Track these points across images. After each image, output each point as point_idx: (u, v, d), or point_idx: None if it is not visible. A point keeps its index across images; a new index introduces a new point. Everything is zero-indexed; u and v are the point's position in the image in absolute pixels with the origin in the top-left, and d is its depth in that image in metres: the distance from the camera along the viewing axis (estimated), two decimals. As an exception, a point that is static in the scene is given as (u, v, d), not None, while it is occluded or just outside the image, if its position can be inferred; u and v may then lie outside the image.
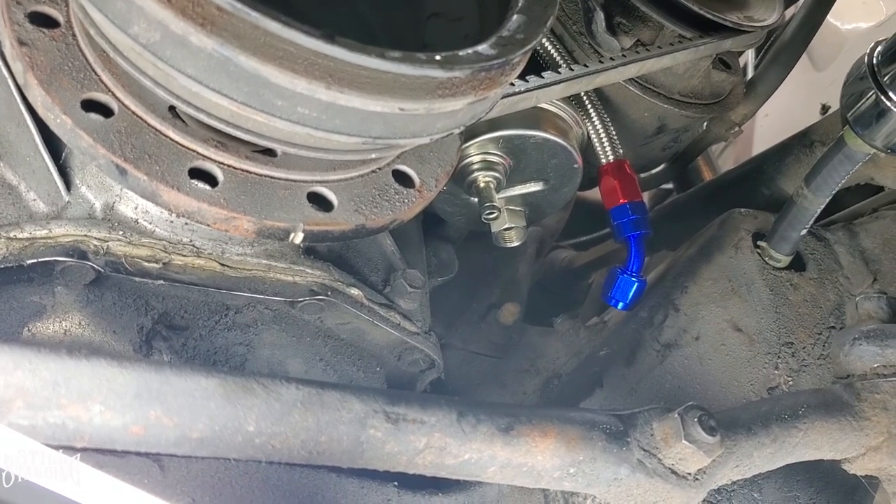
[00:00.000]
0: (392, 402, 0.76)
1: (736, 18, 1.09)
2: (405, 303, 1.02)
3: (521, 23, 0.74)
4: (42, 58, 0.76)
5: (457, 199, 1.16)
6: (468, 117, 0.76)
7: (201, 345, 0.93)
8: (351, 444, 0.73)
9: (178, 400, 0.69)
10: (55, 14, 0.80)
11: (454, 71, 0.67)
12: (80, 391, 0.67)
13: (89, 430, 0.68)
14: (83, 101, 0.76)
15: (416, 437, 0.76)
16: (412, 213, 0.88)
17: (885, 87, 0.95)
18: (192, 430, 0.70)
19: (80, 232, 0.83)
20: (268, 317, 0.96)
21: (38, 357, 0.67)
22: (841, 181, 1.06)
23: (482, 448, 0.79)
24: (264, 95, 0.65)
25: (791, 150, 1.35)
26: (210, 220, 0.77)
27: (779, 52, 1.36)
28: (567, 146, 1.09)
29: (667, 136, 1.23)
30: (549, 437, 0.81)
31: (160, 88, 0.71)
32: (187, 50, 0.63)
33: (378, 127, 0.70)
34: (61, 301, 0.86)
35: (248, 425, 0.70)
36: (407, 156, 0.90)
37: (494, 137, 1.06)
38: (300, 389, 0.72)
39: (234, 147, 0.79)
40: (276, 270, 0.92)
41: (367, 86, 0.65)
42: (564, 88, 1.02)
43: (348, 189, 0.84)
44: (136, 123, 0.77)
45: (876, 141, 0.99)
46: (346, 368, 1.02)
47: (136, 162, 0.74)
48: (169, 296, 0.90)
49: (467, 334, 1.45)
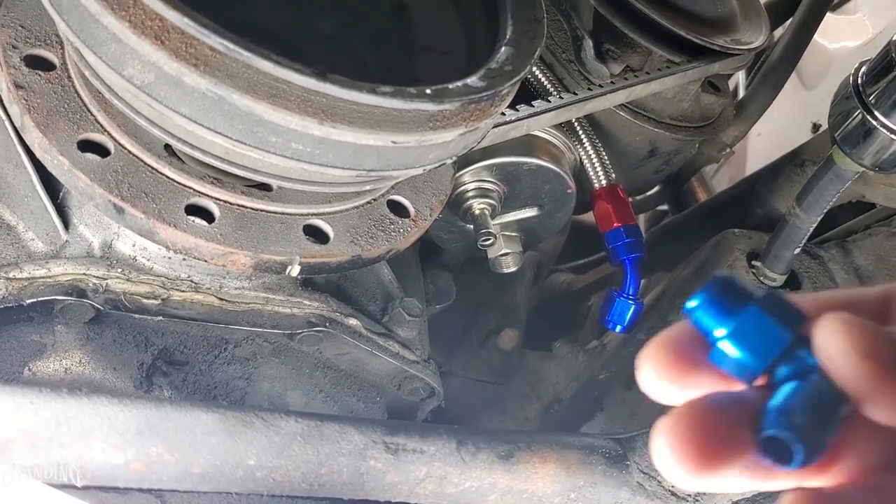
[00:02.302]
0: (391, 433, 0.76)
1: (723, 42, 1.10)
2: (404, 331, 1.02)
3: (510, 54, 0.75)
4: (38, 100, 0.77)
5: (453, 227, 1.17)
6: (460, 147, 0.77)
7: (201, 379, 0.93)
8: (351, 476, 0.73)
9: (179, 436, 0.70)
10: (51, 57, 0.81)
11: (444, 104, 0.68)
12: (82, 430, 0.68)
13: (91, 468, 0.68)
14: (80, 141, 0.77)
15: (417, 466, 0.76)
16: (408, 242, 0.89)
17: (871, 106, 0.96)
18: (193, 465, 0.70)
19: (78, 270, 0.83)
20: (267, 350, 0.96)
21: (39, 397, 0.67)
22: (832, 199, 1.07)
23: (482, 476, 0.79)
24: (258, 132, 0.66)
25: (783, 169, 1.36)
26: (207, 256, 0.77)
27: (767, 73, 1.37)
28: (560, 172, 1.10)
29: (659, 159, 1.24)
30: (549, 463, 0.82)
31: (155, 128, 0.72)
32: (181, 90, 0.64)
33: (371, 160, 0.71)
34: (61, 339, 0.86)
35: (249, 459, 0.71)
36: (401, 186, 0.91)
37: (488, 165, 1.07)
38: (299, 422, 0.73)
39: (230, 183, 0.80)
40: (274, 303, 0.93)
41: (360, 120, 0.66)
42: (555, 116, 1.03)
43: (344, 221, 0.85)
44: (133, 162, 0.78)
45: (864, 159, 1.00)
46: (347, 399, 1.03)
47: (133, 200, 0.75)
48: (168, 331, 0.91)
49: (467, 361, 1.45)
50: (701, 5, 1.13)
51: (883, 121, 0.96)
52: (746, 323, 0.41)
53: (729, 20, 1.16)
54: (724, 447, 0.39)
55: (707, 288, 0.42)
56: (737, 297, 0.42)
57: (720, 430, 0.40)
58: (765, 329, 0.41)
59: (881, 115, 0.96)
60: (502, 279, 1.43)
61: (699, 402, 0.41)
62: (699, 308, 0.42)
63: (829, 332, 0.38)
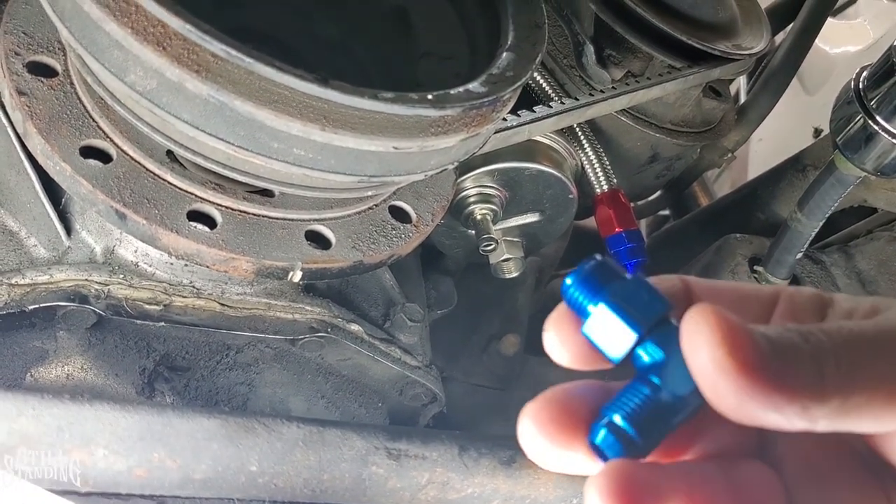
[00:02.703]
0: (393, 439, 0.76)
1: (724, 47, 1.10)
2: (405, 337, 1.02)
3: (511, 60, 0.76)
4: (41, 107, 0.77)
5: (454, 232, 1.17)
6: (461, 153, 0.78)
7: (203, 385, 0.93)
8: (353, 482, 0.73)
9: (180, 441, 0.70)
10: (53, 63, 0.81)
11: (446, 109, 0.68)
12: (84, 436, 0.68)
13: (93, 475, 0.68)
14: (82, 147, 0.77)
15: (419, 472, 0.76)
16: (409, 247, 0.89)
17: (872, 110, 0.96)
18: (195, 471, 0.70)
19: (80, 276, 0.84)
20: (269, 355, 0.96)
21: (41, 403, 0.67)
22: (833, 204, 1.07)
23: (485, 482, 0.79)
24: (260, 138, 0.66)
25: (784, 174, 1.36)
26: (209, 262, 0.78)
27: (769, 78, 1.37)
28: (561, 177, 1.10)
29: (660, 164, 1.24)
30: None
31: (157, 134, 0.73)
32: (183, 96, 0.64)
33: (373, 165, 0.71)
34: (63, 345, 0.86)
35: (251, 465, 0.71)
36: (403, 192, 0.91)
37: (490, 170, 1.07)
38: (301, 428, 0.73)
39: (232, 189, 0.80)
40: (275, 309, 0.93)
41: (361, 126, 0.66)
42: (556, 121, 1.03)
43: (346, 226, 0.85)
44: (135, 168, 0.78)
45: (866, 164, 1.00)
46: (348, 405, 1.03)
47: (135, 206, 0.75)
48: (170, 337, 0.91)
49: (469, 367, 1.45)
50: (702, 10, 1.13)
51: (884, 125, 0.96)
52: (623, 291, 0.42)
53: (730, 25, 1.16)
54: (574, 434, 0.41)
55: (581, 267, 0.43)
56: (609, 277, 0.43)
57: (574, 417, 0.42)
58: (640, 298, 0.42)
59: (883, 120, 0.96)
60: (504, 284, 1.43)
61: (563, 389, 0.43)
62: (573, 286, 0.43)
63: (691, 324, 0.38)
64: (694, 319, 0.38)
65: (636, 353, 0.41)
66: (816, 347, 0.38)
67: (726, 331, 0.37)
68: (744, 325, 0.38)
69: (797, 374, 0.37)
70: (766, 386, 0.37)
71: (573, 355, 0.44)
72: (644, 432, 0.40)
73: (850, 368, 0.38)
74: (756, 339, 0.37)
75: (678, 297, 0.46)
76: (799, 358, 0.38)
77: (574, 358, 0.44)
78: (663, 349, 0.40)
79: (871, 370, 0.38)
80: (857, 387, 0.38)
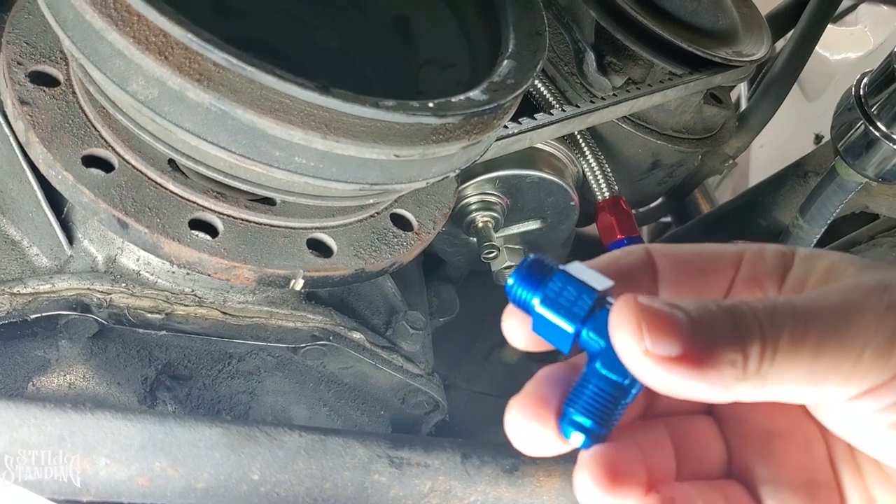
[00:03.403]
0: (395, 447, 0.76)
1: (724, 54, 1.11)
2: (407, 345, 1.02)
3: (512, 68, 0.76)
4: (43, 116, 0.77)
5: (456, 240, 1.17)
6: (463, 161, 0.78)
7: (205, 394, 0.93)
8: (356, 490, 0.73)
9: (182, 450, 0.70)
10: (55, 73, 0.81)
11: (447, 117, 0.68)
12: (86, 444, 0.67)
13: (95, 483, 0.68)
14: (84, 156, 0.77)
15: (421, 480, 0.76)
16: (411, 255, 0.89)
17: (873, 117, 0.96)
18: (197, 479, 0.70)
19: (82, 285, 0.84)
20: (270, 364, 0.96)
21: (43, 412, 0.67)
22: (835, 210, 1.07)
23: (487, 490, 0.79)
24: (262, 147, 0.66)
25: (786, 180, 1.36)
26: (211, 270, 0.78)
27: (769, 84, 1.37)
28: (563, 184, 1.10)
29: (661, 171, 1.25)
30: (554, 477, 0.81)
31: (159, 143, 0.73)
32: (185, 105, 0.64)
33: (374, 174, 0.71)
34: (65, 354, 0.86)
35: (253, 474, 0.71)
36: (405, 199, 0.91)
37: (491, 178, 1.07)
38: (303, 437, 0.72)
39: (233, 197, 0.80)
40: (277, 317, 0.93)
41: (363, 134, 0.66)
42: (557, 129, 1.03)
43: (347, 234, 0.85)
44: (137, 177, 0.78)
45: (867, 170, 1.00)
46: (350, 413, 1.03)
47: (137, 215, 0.75)
48: (172, 346, 0.91)
49: (471, 374, 1.45)
50: (702, 17, 1.13)
51: (885, 131, 0.96)
52: (552, 290, 0.44)
53: (730, 32, 1.17)
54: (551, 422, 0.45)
55: (520, 266, 0.46)
56: (543, 273, 0.45)
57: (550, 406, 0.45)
58: (568, 294, 0.44)
59: (883, 126, 0.96)
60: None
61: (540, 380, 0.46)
62: (515, 284, 0.45)
63: (614, 317, 0.41)
64: (616, 312, 0.41)
65: (583, 341, 0.44)
66: (742, 326, 0.40)
67: (647, 320, 0.40)
68: (665, 312, 0.40)
69: (719, 356, 0.39)
70: (688, 369, 0.39)
71: (529, 342, 0.48)
72: (601, 421, 0.44)
73: (774, 349, 0.40)
74: (678, 325, 0.40)
75: (642, 269, 0.48)
76: (722, 338, 0.40)
77: (530, 344, 0.48)
78: (602, 336, 0.43)
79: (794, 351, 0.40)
80: (778, 367, 0.40)
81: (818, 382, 0.40)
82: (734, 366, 0.40)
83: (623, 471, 0.43)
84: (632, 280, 0.47)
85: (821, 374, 0.40)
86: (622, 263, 0.48)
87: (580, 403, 0.44)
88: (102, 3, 0.62)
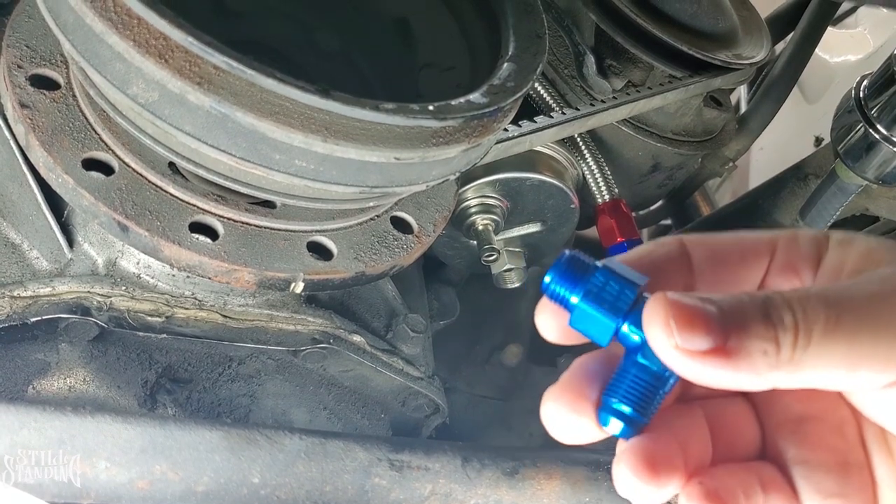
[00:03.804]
0: (396, 450, 0.76)
1: (724, 57, 1.11)
2: (408, 348, 1.02)
3: (512, 71, 0.76)
4: (43, 119, 0.77)
5: (456, 243, 1.17)
6: (463, 163, 0.78)
7: (205, 397, 0.93)
8: (356, 493, 0.73)
9: (182, 454, 0.70)
10: (55, 76, 0.81)
11: (447, 120, 0.68)
12: (86, 448, 0.67)
13: (95, 487, 0.68)
14: (84, 160, 0.77)
15: (421, 483, 0.76)
16: (411, 258, 0.89)
17: (873, 119, 0.96)
18: (197, 483, 0.70)
19: (83, 288, 0.84)
20: (271, 367, 0.96)
21: (43, 415, 0.67)
22: (835, 213, 1.07)
23: (488, 493, 0.79)
24: (262, 150, 0.66)
25: (786, 183, 1.36)
26: (211, 273, 0.78)
27: (769, 87, 1.37)
28: (563, 187, 1.10)
29: (661, 174, 1.24)
30: (555, 480, 0.81)
31: (159, 146, 0.73)
32: (185, 108, 0.64)
33: (374, 176, 0.71)
34: (66, 358, 0.86)
35: (253, 477, 0.71)
36: (405, 202, 0.91)
37: (491, 181, 1.07)
38: (304, 440, 0.72)
39: (234, 200, 0.80)
40: (278, 320, 0.93)
41: (363, 137, 0.66)
42: (557, 132, 1.03)
43: (347, 237, 0.85)
44: (137, 180, 0.78)
45: (867, 173, 1.00)
46: (351, 416, 1.03)
47: (138, 218, 0.75)
48: (172, 349, 0.91)
49: (471, 377, 1.44)
50: (702, 20, 1.13)
51: (885, 134, 0.96)
52: (595, 285, 0.45)
53: (730, 35, 1.17)
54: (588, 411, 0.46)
55: (558, 262, 0.47)
56: (582, 269, 0.46)
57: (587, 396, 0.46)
58: (610, 289, 0.45)
59: (883, 129, 0.96)
60: (506, 295, 1.42)
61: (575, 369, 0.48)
62: (553, 280, 0.47)
63: (647, 315, 0.42)
64: (647, 308, 0.42)
65: (622, 335, 0.45)
66: (775, 316, 0.41)
67: (676, 315, 0.41)
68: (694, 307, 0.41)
69: (750, 347, 0.41)
70: (720, 361, 0.41)
71: (562, 335, 0.49)
72: (641, 409, 0.45)
73: (807, 337, 0.41)
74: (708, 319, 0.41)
75: (677, 261, 0.49)
76: (754, 328, 0.41)
77: (564, 337, 0.49)
78: (641, 329, 0.44)
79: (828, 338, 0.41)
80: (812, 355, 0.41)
81: (853, 369, 0.41)
82: (766, 355, 0.41)
83: (662, 460, 0.44)
84: (667, 273, 0.48)
85: (855, 361, 0.41)
86: (656, 255, 0.49)
87: (620, 392, 0.45)
88: (103, 6, 0.62)
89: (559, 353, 1.50)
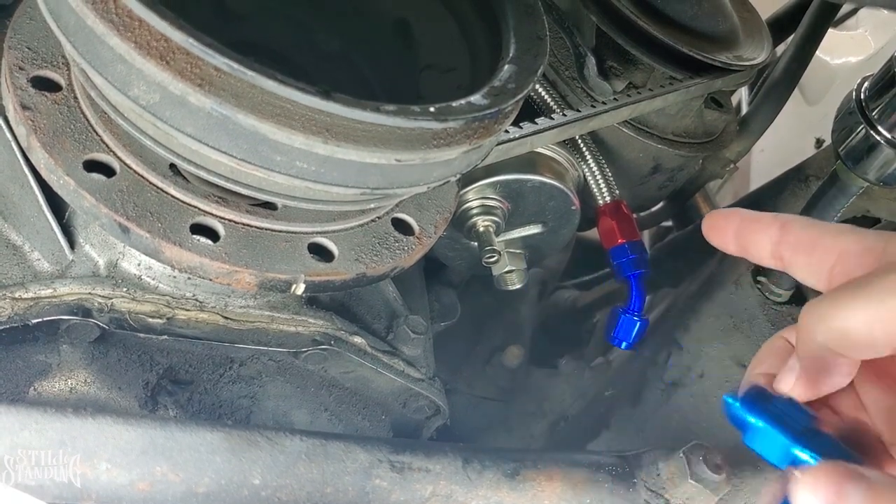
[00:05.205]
0: (397, 451, 0.76)
1: (725, 58, 1.11)
2: (408, 349, 1.02)
3: (513, 72, 0.76)
4: (44, 121, 0.78)
5: (457, 244, 1.17)
6: (464, 165, 0.78)
7: (206, 398, 0.93)
8: (357, 495, 0.73)
9: (183, 455, 0.70)
10: (57, 78, 0.81)
11: (448, 122, 0.68)
12: (87, 449, 0.67)
13: (96, 488, 0.68)
14: (85, 161, 0.77)
15: (422, 485, 0.76)
16: (412, 260, 0.89)
17: (874, 121, 0.96)
18: (198, 484, 0.70)
19: (84, 290, 0.84)
20: (272, 368, 0.96)
21: (44, 417, 0.67)
22: (836, 215, 1.07)
23: (489, 494, 0.79)
24: (263, 151, 0.66)
25: (786, 185, 1.36)
26: (212, 275, 0.78)
27: (770, 88, 1.37)
28: (563, 189, 1.10)
29: (662, 175, 1.25)
30: (556, 481, 0.81)
31: (161, 147, 0.73)
32: (186, 110, 0.64)
33: (375, 178, 0.71)
34: (67, 359, 0.86)
35: (254, 478, 0.71)
36: (406, 204, 0.91)
37: (492, 182, 1.08)
38: (304, 441, 0.72)
39: (235, 202, 0.80)
40: (279, 322, 0.93)
41: (364, 139, 0.67)
42: (558, 133, 1.03)
43: (348, 239, 0.85)
44: (138, 182, 0.78)
45: (868, 174, 1.00)
46: (352, 418, 1.03)
47: (139, 220, 0.76)
48: (173, 350, 0.91)
49: (472, 379, 1.45)
50: (703, 22, 1.14)
51: (886, 135, 0.96)
52: (772, 419, 0.55)
53: (731, 36, 1.17)
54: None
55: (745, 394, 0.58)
56: (763, 398, 0.56)
57: None
58: (790, 414, 0.55)
59: (884, 130, 0.96)
60: (507, 296, 1.43)
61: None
62: (736, 406, 0.57)
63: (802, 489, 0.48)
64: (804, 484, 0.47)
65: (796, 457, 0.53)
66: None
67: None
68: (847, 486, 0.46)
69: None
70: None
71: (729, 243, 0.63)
72: None
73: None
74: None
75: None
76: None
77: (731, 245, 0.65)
78: (819, 453, 0.52)
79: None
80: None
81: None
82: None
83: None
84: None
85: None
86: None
87: None
88: (104, 8, 0.62)
89: (560, 355, 1.50)
